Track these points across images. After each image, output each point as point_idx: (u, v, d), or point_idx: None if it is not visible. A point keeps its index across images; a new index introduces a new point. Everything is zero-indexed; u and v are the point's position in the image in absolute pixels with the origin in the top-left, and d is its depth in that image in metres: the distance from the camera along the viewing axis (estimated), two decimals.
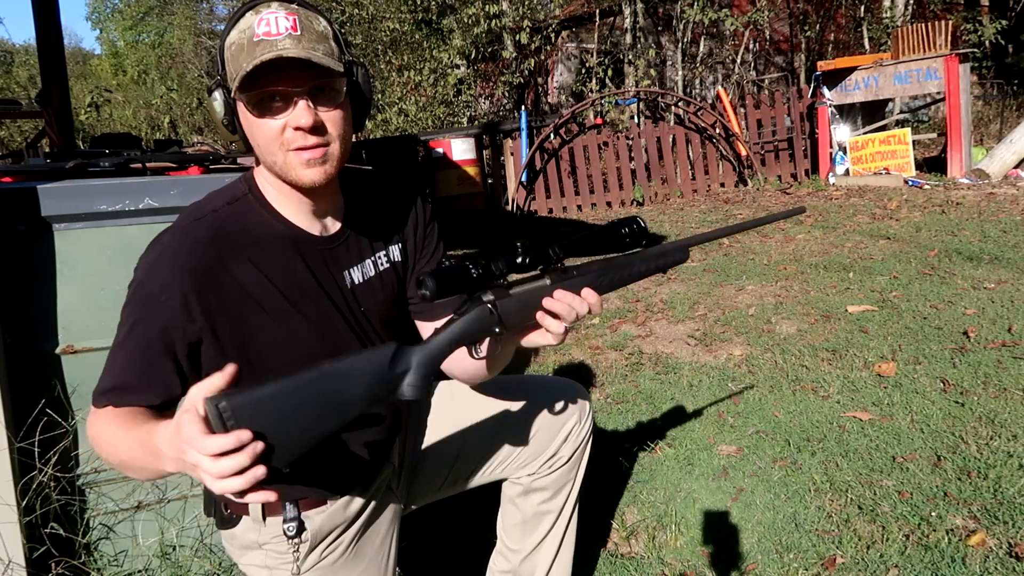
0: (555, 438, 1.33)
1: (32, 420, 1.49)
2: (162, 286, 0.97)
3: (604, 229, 1.06)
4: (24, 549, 1.48)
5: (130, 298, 1.00)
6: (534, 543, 1.39)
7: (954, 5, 11.25)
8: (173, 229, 1.02)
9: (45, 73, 4.65)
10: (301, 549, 1.11)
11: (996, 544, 1.62)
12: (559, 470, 1.35)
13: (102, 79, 24.27)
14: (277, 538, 1.11)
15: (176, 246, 0.99)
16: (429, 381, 0.93)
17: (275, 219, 1.05)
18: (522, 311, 1.00)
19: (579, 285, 1.03)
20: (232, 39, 0.97)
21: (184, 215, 1.04)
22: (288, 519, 1.09)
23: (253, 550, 1.14)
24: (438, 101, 10.03)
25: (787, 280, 3.89)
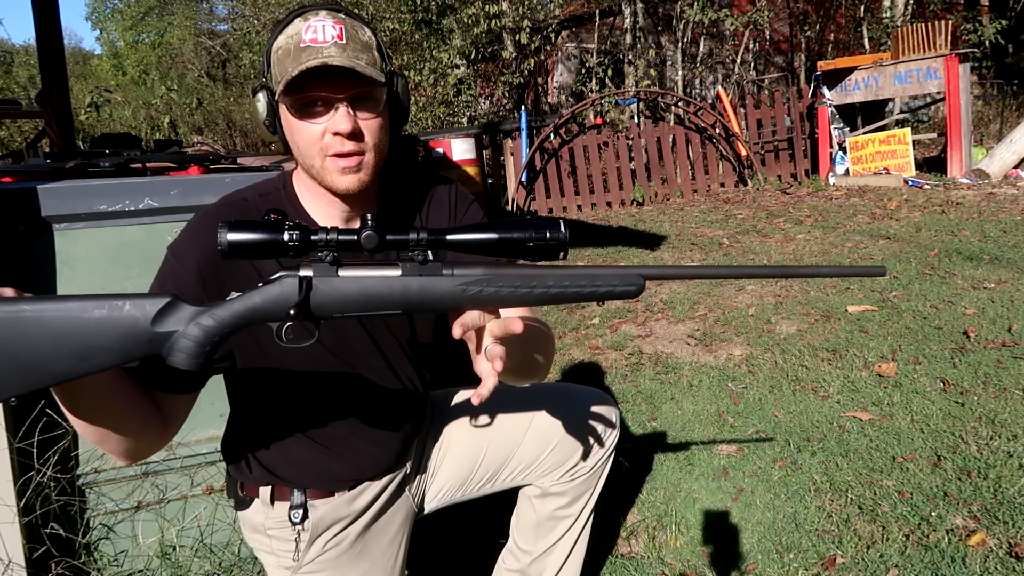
0: (580, 448, 1.31)
1: (31, 420, 1.49)
2: (180, 259, 1.03)
3: (505, 225, 0.81)
4: (24, 549, 1.48)
5: (157, 271, 1.05)
6: (546, 546, 1.38)
7: (954, 5, 11.24)
8: (202, 211, 1.07)
9: (45, 73, 4.65)
10: (303, 537, 1.14)
11: (996, 544, 1.62)
12: (580, 479, 1.33)
13: (102, 79, 24.26)
14: (281, 523, 1.14)
15: (199, 223, 1.05)
16: (204, 352, 0.79)
17: (302, 218, 1.07)
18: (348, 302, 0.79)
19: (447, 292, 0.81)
20: (279, 44, 1.00)
21: (217, 200, 1.09)
22: (295, 505, 1.13)
23: (260, 534, 1.17)
24: (438, 101, 10.03)
25: (787, 280, 3.89)
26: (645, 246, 5.09)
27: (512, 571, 1.43)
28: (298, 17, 1.00)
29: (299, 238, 0.77)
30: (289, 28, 0.99)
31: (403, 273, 0.80)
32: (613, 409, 1.36)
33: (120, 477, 1.63)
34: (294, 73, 0.94)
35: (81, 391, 0.84)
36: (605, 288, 0.85)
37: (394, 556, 1.23)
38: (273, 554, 1.17)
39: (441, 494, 1.33)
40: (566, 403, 1.34)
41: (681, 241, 5.20)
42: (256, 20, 14.14)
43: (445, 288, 0.80)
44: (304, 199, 1.08)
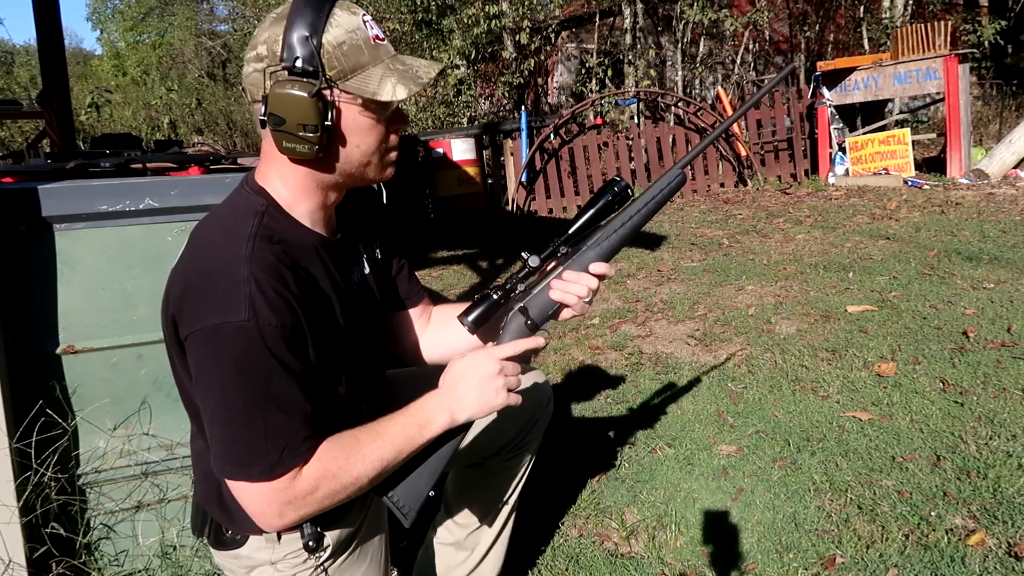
0: (526, 422, 1.39)
1: (31, 420, 1.49)
2: (281, 308, 0.92)
3: (590, 203, 1.13)
4: (25, 549, 1.48)
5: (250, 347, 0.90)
6: (485, 523, 1.44)
7: (953, 5, 11.25)
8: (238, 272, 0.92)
9: (46, 74, 4.65)
10: (322, 558, 1.09)
11: (995, 544, 1.62)
12: (521, 453, 1.40)
13: (102, 80, 24.26)
14: (293, 553, 1.09)
15: (260, 268, 0.93)
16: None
17: (298, 227, 1.04)
18: (546, 301, 1.14)
19: (588, 260, 1.13)
20: (337, 37, 0.94)
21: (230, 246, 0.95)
22: (307, 535, 1.07)
23: (262, 567, 1.11)
24: (438, 101, 10.03)
25: (787, 280, 3.89)
26: (645, 246, 5.09)
27: (447, 544, 1.48)
28: (336, 8, 0.96)
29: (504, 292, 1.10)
30: (340, 20, 0.95)
31: (563, 267, 1.13)
32: (548, 387, 1.44)
33: (120, 477, 1.63)
34: (415, 88, 0.96)
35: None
36: (666, 190, 1.16)
37: (383, 552, 1.24)
38: None
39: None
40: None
41: (681, 241, 5.20)
42: (256, 20, 14.13)
43: (589, 256, 1.14)
44: (287, 206, 1.03)
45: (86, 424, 1.59)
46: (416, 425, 1.03)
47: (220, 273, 0.93)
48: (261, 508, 0.96)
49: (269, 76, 0.94)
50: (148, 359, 1.62)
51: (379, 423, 1.03)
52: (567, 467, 2.19)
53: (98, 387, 1.58)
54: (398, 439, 1.01)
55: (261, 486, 0.94)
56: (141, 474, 1.65)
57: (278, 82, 0.93)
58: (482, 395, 1.03)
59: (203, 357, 0.92)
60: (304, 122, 0.93)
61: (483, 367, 1.03)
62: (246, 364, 0.90)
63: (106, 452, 1.61)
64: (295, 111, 0.92)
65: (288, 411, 0.93)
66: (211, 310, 0.90)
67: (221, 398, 0.92)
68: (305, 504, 0.97)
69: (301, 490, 0.96)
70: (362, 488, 1.01)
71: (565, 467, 2.19)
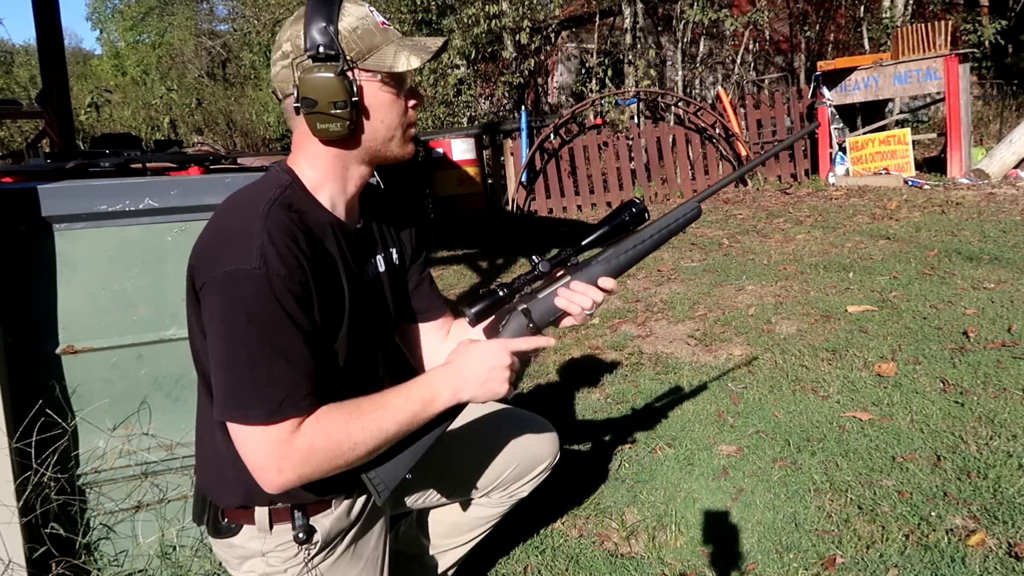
0: (525, 475, 1.44)
1: (31, 420, 1.49)
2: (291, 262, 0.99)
3: (606, 220, 1.17)
4: (24, 549, 1.48)
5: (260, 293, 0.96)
6: (455, 543, 1.50)
7: (954, 5, 11.25)
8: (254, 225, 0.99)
9: (45, 73, 4.65)
10: (311, 552, 1.13)
11: (996, 544, 1.62)
12: (516, 498, 1.46)
13: (102, 79, 24.25)
14: (283, 545, 1.13)
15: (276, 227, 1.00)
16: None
17: (318, 206, 1.11)
18: (550, 308, 1.17)
19: (597, 274, 1.17)
20: (351, 24, 1.04)
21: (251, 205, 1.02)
22: (297, 526, 1.11)
23: (253, 558, 1.14)
24: (438, 101, 10.02)
25: (787, 280, 3.89)
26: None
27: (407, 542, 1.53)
28: (345, 1, 1.05)
29: (510, 291, 1.13)
30: (351, 9, 1.05)
31: (571, 277, 1.17)
32: (557, 446, 1.48)
33: (120, 477, 1.63)
34: (426, 57, 1.05)
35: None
36: (680, 221, 1.22)
37: (381, 555, 1.26)
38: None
39: (403, 501, 1.41)
40: (523, 431, 1.44)
41: (681, 241, 5.20)
42: (256, 20, 14.14)
43: (597, 270, 1.18)
44: (315, 189, 1.11)
45: (86, 424, 1.58)
46: (420, 399, 1.06)
47: (237, 228, 1.00)
48: (259, 459, 0.99)
49: (296, 67, 1.04)
50: (148, 359, 1.62)
51: (383, 394, 1.06)
52: (567, 467, 2.19)
53: (98, 387, 1.58)
54: (400, 411, 1.05)
55: (258, 431, 0.97)
56: (141, 474, 1.65)
57: (305, 70, 1.03)
58: (489, 382, 1.08)
59: (215, 303, 0.98)
60: (334, 99, 1.02)
61: (496, 355, 1.08)
62: (255, 310, 0.96)
63: (106, 452, 1.61)
64: (325, 91, 1.02)
65: (292, 362, 0.98)
66: (226, 259, 0.97)
67: (228, 342, 0.97)
68: (303, 462, 0.99)
69: (298, 447, 0.99)
70: (359, 457, 1.03)
71: (565, 467, 2.19)
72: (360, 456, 1.03)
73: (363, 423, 1.02)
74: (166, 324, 1.61)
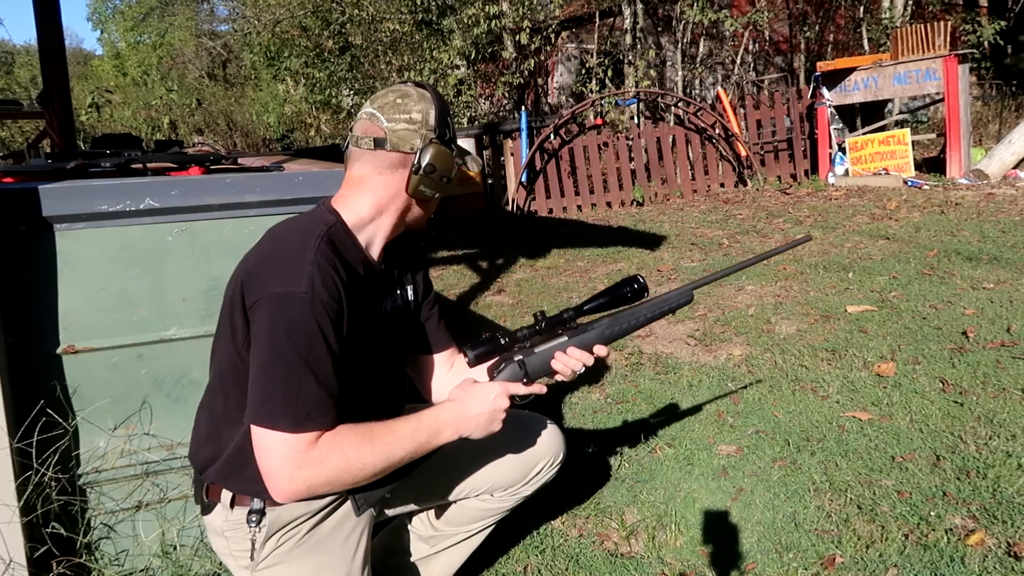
0: (526, 474, 1.48)
1: (32, 420, 1.49)
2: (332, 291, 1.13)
3: (609, 291, 1.33)
4: (25, 548, 1.48)
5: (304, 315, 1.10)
6: (459, 533, 1.53)
7: (953, 6, 11.25)
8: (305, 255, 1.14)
9: (46, 74, 4.65)
10: (258, 536, 1.23)
11: (995, 543, 1.62)
12: (520, 496, 1.50)
13: (103, 80, 24.25)
14: (238, 525, 1.23)
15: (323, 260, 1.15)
16: None
17: (356, 244, 1.25)
18: (544, 364, 1.30)
19: (591, 340, 1.31)
20: (454, 128, 1.28)
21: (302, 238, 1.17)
22: (253, 510, 1.22)
23: (219, 536, 1.27)
24: None
25: (787, 280, 3.89)
26: (645, 246, 5.10)
27: (416, 532, 1.57)
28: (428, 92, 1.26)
29: (510, 340, 1.27)
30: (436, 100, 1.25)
31: (568, 337, 1.31)
32: (561, 442, 1.53)
33: (121, 477, 1.64)
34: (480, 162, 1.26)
35: None
36: (673, 304, 1.37)
37: (352, 551, 1.29)
38: (231, 556, 1.27)
39: (399, 502, 1.45)
40: (519, 430, 1.47)
41: (681, 241, 5.20)
42: (257, 21, 14.14)
43: (592, 336, 1.32)
44: (356, 228, 1.25)
45: (87, 424, 1.59)
46: (427, 432, 1.19)
47: (290, 255, 1.15)
48: (275, 466, 1.09)
49: (424, 137, 1.23)
50: (148, 359, 1.62)
51: (394, 422, 1.18)
52: (567, 467, 2.19)
53: (98, 387, 1.59)
54: (408, 441, 1.17)
55: (280, 439, 1.08)
56: (141, 474, 1.65)
57: (434, 143, 1.22)
58: (488, 425, 1.24)
59: (264, 319, 1.11)
60: (446, 174, 1.24)
61: (497, 399, 1.23)
62: (297, 329, 1.10)
63: (106, 452, 1.61)
64: (445, 165, 1.23)
65: (321, 380, 1.11)
66: (278, 282, 1.12)
67: (269, 354, 1.10)
68: (314, 474, 1.09)
69: (313, 457, 1.09)
70: (366, 477, 1.14)
71: (565, 467, 2.19)
72: (367, 476, 1.14)
73: (374, 447, 1.14)
74: (166, 324, 1.62)
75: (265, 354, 1.10)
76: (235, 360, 1.18)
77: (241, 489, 1.23)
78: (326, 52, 11.28)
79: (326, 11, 10.92)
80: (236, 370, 1.18)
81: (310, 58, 11.57)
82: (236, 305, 1.17)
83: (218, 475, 1.24)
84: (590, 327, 1.32)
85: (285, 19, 12.30)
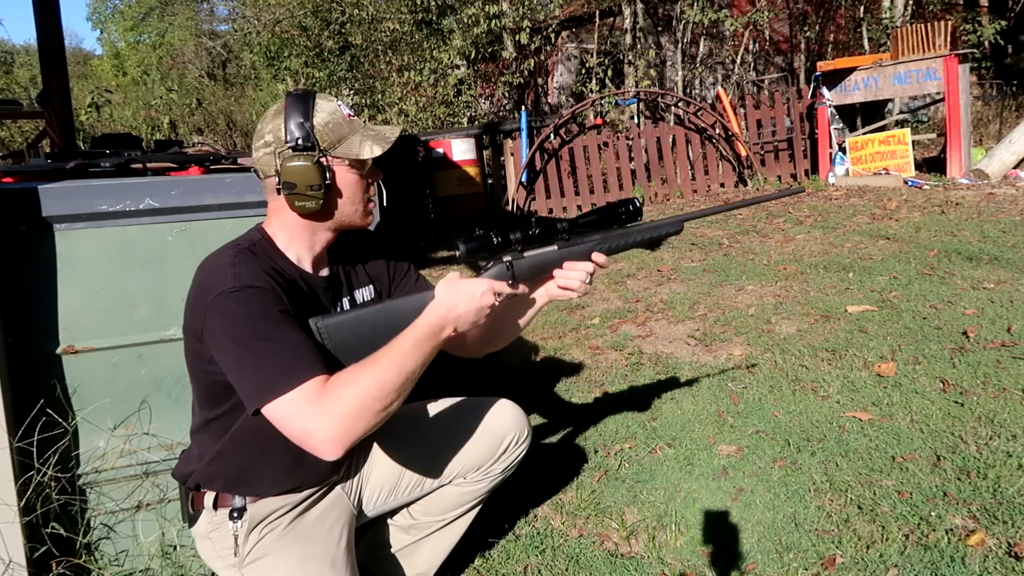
0: (494, 451, 1.52)
1: (32, 420, 1.49)
2: (262, 280, 1.18)
3: (604, 208, 1.37)
4: (25, 549, 1.48)
5: (240, 303, 1.14)
6: (438, 521, 1.56)
7: (953, 5, 11.25)
8: (224, 262, 1.20)
9: (46, 74, 4.65)
10: (240, 531, 1.28)
11: (995, 544, 1.62)
12: (492, 476, 1.54)
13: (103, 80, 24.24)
14: (221, 524, 1.30)
15: (244, 261, 1.20)
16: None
17: (285, 258, 1.29)
18: (533, 270, 1.33)
19: (580, 253, 1.35)
20: (323, 119, 1.24)
21: (221, 255, 1.22)
22: (235, 508, 1.29)
23: (204, 540, 1.32)
24: (438, 101, 10.02)
25: (787, 280, 3.89)
26: (645, 246, 5.10)
27: (396, 526, 1.60)
28: (318, 98, 1.25)
29: (502, 240, 1.29)
30: (322, 106, 1.24)
31: (558, 248, 1.35)
32: (523, 420, 1.56)
33: (121, 477, 1.64)
34: (386, 147, 1.25)
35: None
36: (663, 231, 1.42)
37: (336, 540, 1.35)
38: (218, 558, 1.31)
39: (377, 498, 1.49)
40: (478, 413, 1.53)
41: (681, 241, 5.20)
42: (256, 20, 14.13)
43: (581, 249, 1.36)
44: (282, 246, 1.29)
45: (86, 424, 1.59)
46: (426, 336, 1.20)
47: (211, 271, 1.20)
48: (302, 425, 1.10)
49: (278, 156, 1.23)
50: (148, 359, 1.62)
51: (392, 341, 1.19)
52: (567, 467, 2.19)
53: (98, 387, 1.58)
54: (412, 350, 1.18)
55: (290, 399, 1.10)
56: (141, 474, 1.65)
57: (286, 158, 1.22)
58: (475, 320, 1.26)
59: (214, 327, 1.15)
60: (311, 183, 1.22)
61: (484, 296, 1.26)
62: (244, 318, 1.14)
63: (106, 452, 1.61)
64: (303, 176, 1.22)
65: (291, 343, 1.14)
66: (207, 293, 1.17)
67: (235, 348, 1.13)
68: (338, 410, 1.09)
69: (328, 399, 1.11)
70: (391, 394, 1.14)
71: (565, 467, 2.19)
72: (391, 394, 1.14)
73: (382, 366, 1.15)
74: (166, 324, 1.62)
75: (232, 351, 1.13)
76: (201, 378, 1.26)
77: (220, 487, 1.30)
78: (326, 52, 11.28)
79: (326, 11, 10.91)
80: (203, 389, 1.27)
81: (310, 58, 11.56)
82: (189, 334, 1.23)
83: (200, 476, 1.31)
84: (581, 241, 1.35)
85: (285, 19, 12.30)
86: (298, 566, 1.29)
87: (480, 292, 1.26)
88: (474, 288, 1.26)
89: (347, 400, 1.10)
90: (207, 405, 1.28)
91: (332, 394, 1.10)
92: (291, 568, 1.29)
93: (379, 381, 1.13)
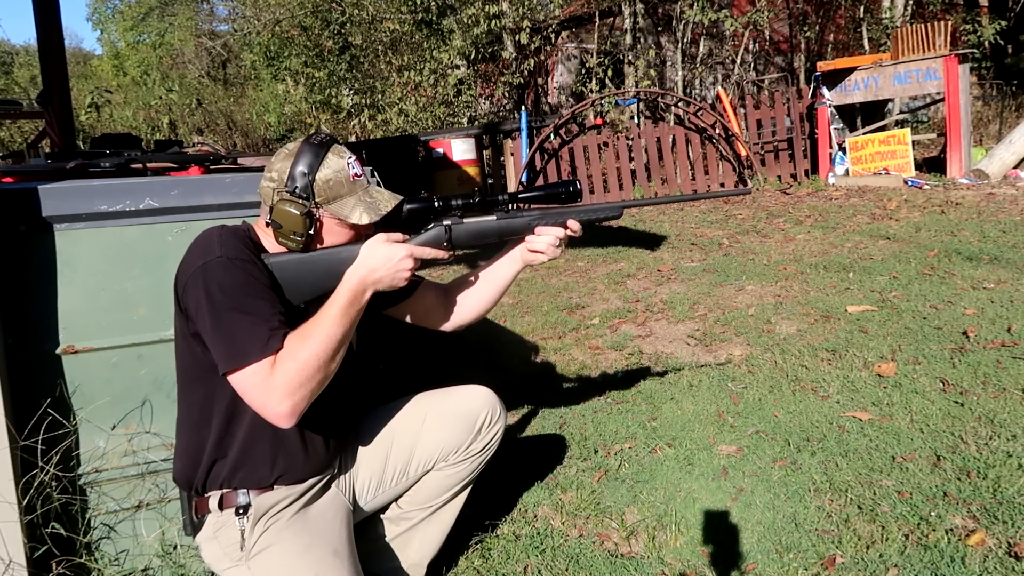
0: (471, 431, 1.58)
1: (35, 420, 1.49)
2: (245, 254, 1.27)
3: (544, 186, 1.47)
4: (25, 548, 1.48)
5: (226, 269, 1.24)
6: (423, 511, 1.61)
7: (953, 6, 11.25)
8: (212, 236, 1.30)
9: (46, 74, 4.65)
10: (246, 525, 1.32)
11: (995, 544, 1.62)
12: (472, 456, 1.59)
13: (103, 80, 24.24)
14: (228, 524, 1.33)
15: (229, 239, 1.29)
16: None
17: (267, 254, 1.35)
18: (471, 236, 1.41)
19: (518, 227, 1.44)
20: (326, 175, 1.32)
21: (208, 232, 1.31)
22: (240, 504, 1.34)
23: (210, 542, 1.35)
24: (438, 101, 10.02)
25: (787, 280, 3.89)
26: (645, 246, 5.10)
27: (385, 517, 1.65)
28: (332, 153, 1.33)
29: (443, 204, 1.40)
30: (333, 162, 1.33)
31: (497, 218, 1.43)
32: (495, 402, 1.62)
33: (121, 476, 1.64)
34: (376, 218, 1.33)
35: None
36: (601, 215, 1.49)
37: (338, 529, 1.40)
38: (225, 555, 1.34)
39: (367, 491, 1.55)
40: (450, 399, 1.61)
41: (681, 241, 5.20)
42: (256, 20, 14.13)
43: (520, 223, 1.44)
44: (267, 245, 1.36)
45: (87, 424, 1.59)
46: (348, 303, 1.28)
47: (200, 243, 1.30)
48: (260, 395, 1.21)
49: (276, 193, 1.32)
50: (148, 359, 1.62)
51: (320, 311, 1.28)
52: (567, 467, 2.19)
53: (98, 387, 1.59)
54: (339, 316, 1.26)
55: (253, 370, 1.20)
56: (142, 473, 1.65)
57: (281, 200, 1.30)
58: (391, 281, 1.32)
59: (195, 293, 1.24)
60: (295, 230, 1.31)
61: (403, 260, 1.32)
62: (224, 283, 1.23)
63: (107, 452, 1.61)
64: (290, 222, 1.30)
65: (265, 316, 1.23)
66: (194, 261, 1.26)
67: (213, 314, 1.22)
68: (284, 382, 1.20)
69: (277, 373, 1.21)
70: (326, 361, 1.24)
71: (565, 467, 2.19)
72: (326, 360, 1.24)
73: (315, 337, 1.23)
74: (166, 324, 1.61)
75: (210, 316, 1.22)
76: (186, 357, 1.33)
77: (222, 483, 1.34)
78: (326, 52, 11.29)
79: (326, 11, 10.92)
80: (186, 369, 1.34)
81: (310, 58, 11.57)
82: (176, 309, 1.32)
83: (200, 478, 1.35)
84: (520, 215, 1.44)
85: (285, 19, 12.30)
86: (302, 555, 1.33)
87: (399, 256, 1.31)
88: (392, 252, 1.31)
89: (292, 374, 1.20)
90: (189, 387, 1.35)
91: (280, 368, 1.20)
92: (295, 557, 1.33)
93: (315, 353, 1.22)
